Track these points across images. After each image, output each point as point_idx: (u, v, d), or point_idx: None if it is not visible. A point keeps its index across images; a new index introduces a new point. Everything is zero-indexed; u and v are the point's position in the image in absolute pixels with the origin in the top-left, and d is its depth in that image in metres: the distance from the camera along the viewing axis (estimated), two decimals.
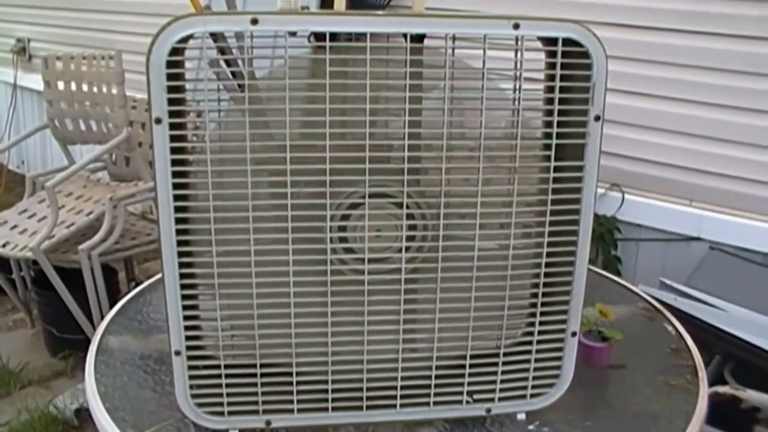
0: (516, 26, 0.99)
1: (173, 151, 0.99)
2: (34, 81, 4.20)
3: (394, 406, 1.14)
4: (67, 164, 3.12)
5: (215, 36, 1.09)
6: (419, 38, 1.03)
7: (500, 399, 1.16)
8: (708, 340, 1.88)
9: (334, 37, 0.98)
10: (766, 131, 2.24)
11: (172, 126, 0.98)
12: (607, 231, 2.48)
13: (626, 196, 2.51)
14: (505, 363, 1.14)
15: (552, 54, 1.02)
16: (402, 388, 1.13)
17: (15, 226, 2.79)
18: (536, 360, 1.15)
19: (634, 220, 2.52)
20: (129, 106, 2.94)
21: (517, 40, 1.01)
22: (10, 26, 4.98)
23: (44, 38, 4.70)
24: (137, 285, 1.66)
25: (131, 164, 3.07)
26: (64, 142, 3.23)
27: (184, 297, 1.06)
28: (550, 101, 1.04)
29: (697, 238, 2.39)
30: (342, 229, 1.07)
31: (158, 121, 0.97)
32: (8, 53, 4.90)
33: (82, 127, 3.12)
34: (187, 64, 1.01)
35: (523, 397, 1.17)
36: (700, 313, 1.93)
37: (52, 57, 3.14)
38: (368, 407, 1.14)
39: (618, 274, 2.40)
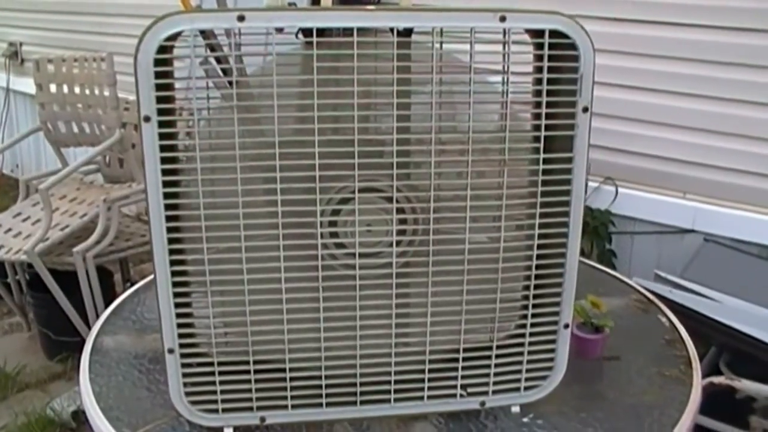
0: (503, 19, 1.00)
1: (162, 149, 0.99)
2: (27, 84, 4.18)
3: (388, 400, 1.14)
4: (61, 167, 3.11)
5: (205, 33, 1.09)
6: (407, 33, 1.03)
7: (494, 392, 1.16)
8: (703, 332, 1.88)
9: (321, 32, 0.98)
10: (760, 123, 2.24)
11: (161, 124, 0.98)
12: (601, 224, 2.48)
13: (620, 189, 2.51)
14: (498, 356, 1.15)
15: (539, 46, 1.02)
16: (396, 382, 1.13)
17: (9, 230, 2.78)
18: (529, 352, 1.15)
19: (628, 213, 2.52)
20: (121, 108, 2.94)
21: (504, 32, 1.01)
22: (2, 30, 4.97)
23: (36, 42, 4.68)
24: (132, 286, 1.66)
25: (125, 166, 3.06)
26: (58, 144, 3.22)
27: (176, 295, 1.06)
28: (538, 93, 1.05)
29: (692, 231, 2.40)
30: (333, 224, 1.07)
31: (147, 119, 0.97)
32: (0, 57, 4.89)
33: (75, 129, 3.12)
34: (177, 63, 1.01)
35: (517, 389, 1.17)
36: (695, 305, 1.94)
37: (44, 60, 3.13)
38: (362, 402, 1.14)
39: (613, 267, 2.40)
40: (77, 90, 3.03)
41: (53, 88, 3.12)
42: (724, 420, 1.77)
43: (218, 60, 1.26)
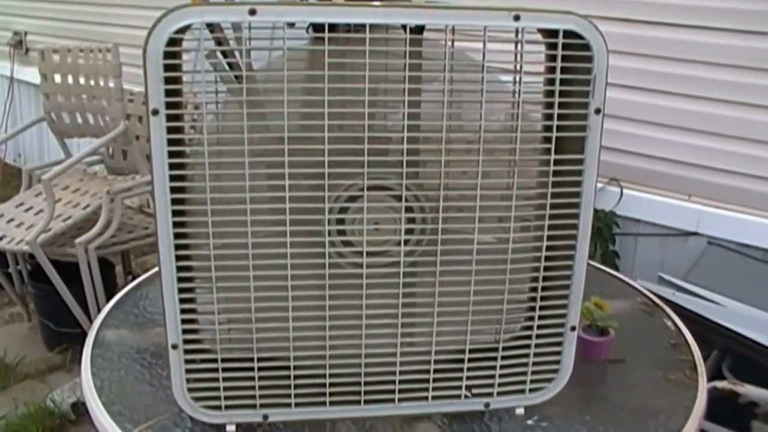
0: (516, 18, 0.99)
1: (170, 142, 0.98)
2: (31, 74, 4.17)
3: (392, 400, 1.13)
4: (64, 157, 3.10)
5: (213, 27, 1.08)
6: (419, 30, 1.02)
7: (499, 393, 1.15)
8: (706, 336, 1.87)
9: (332, 28, 0.97)
10: (766, 126, 2.23)
11: (169, 117, 0.97)
12: (605, 225, 2.48)
13: (625, 190, 2.50)
14: (503, 357, 1.14)
15: (552, 46, 1.01)
16: (400, 382, 1.13)
17: (11, 220, 2.77)
18: (535, 354, 1.14)
19: (632, 214, 2.51)
20: (126, 100, 2.92)
21: (517, 31, 1.00)
22: (7, 19, 4.96)
23: (41, 31, 4.67)
24: (134, 278, 1.66)
25: (128, 158, 3.05)
26: (61, 135, 3.21)
27: (181, 290, 1.05)
28: (550, 94, 1.04)
29: (696, 233, 2.39)
30: (340, 222, 1.06)
31: (155, 112, 0.96)
32: (5, 46, 4.88)
33: (79, 120, 3.11)
34: (185, 56, 1.00)
35: (522, 391, 1.16)
36: (698, 308, 1.93)
37: (49, 50, 3.12)
38: (366, 401, 1.13)
39: (616, 268, 2.40)
40: (82, 81, 3.02)
41: (58, 78, 3.10)
42: (725, 425, 1.76)
43: (224, 54, 1.25)
